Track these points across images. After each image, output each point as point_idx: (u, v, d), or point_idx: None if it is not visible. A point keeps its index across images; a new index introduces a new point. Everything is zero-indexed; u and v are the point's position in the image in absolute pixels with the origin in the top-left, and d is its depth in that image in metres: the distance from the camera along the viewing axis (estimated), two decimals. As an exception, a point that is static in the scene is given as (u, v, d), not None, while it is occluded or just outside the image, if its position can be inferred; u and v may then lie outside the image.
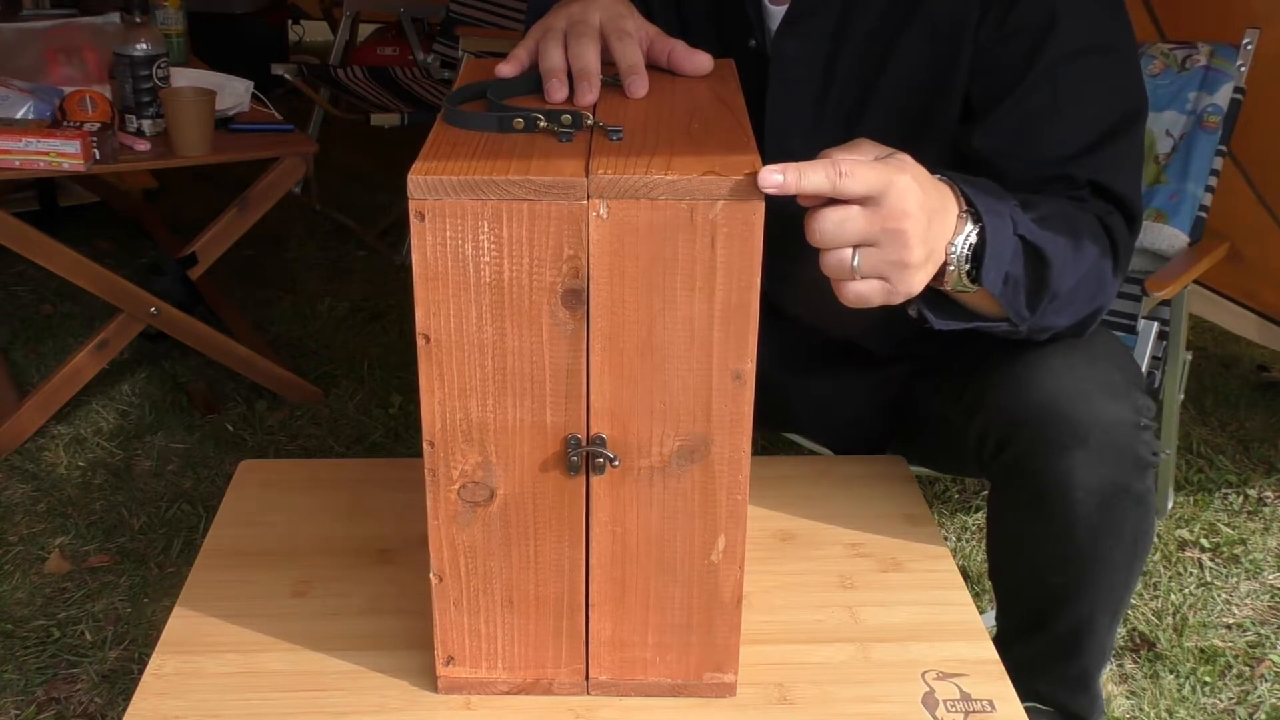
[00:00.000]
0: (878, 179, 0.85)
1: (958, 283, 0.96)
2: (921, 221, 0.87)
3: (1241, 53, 1.90)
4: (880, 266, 0.87)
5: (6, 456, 2.23)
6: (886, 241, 0.86)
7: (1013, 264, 0.98)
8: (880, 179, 0.85)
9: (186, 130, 2.06)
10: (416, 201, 0.81)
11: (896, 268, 0.88)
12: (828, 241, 0.86)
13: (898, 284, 0.89)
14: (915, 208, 0.86)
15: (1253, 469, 2.31)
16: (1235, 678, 1.75)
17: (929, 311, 0.99)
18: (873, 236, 0.86)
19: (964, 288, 0.97)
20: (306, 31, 5.51)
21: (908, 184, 0.86)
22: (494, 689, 0.98)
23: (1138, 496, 1.12)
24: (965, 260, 0.95)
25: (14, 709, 1.64)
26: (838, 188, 0.84)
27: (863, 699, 0.99)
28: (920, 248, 0.88)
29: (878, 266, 0.87)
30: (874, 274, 0.88)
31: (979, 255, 0.95)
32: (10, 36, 2.39)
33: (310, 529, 1.20)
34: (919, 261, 0.89)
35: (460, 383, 0.87)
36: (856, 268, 0.87)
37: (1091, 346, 1.13)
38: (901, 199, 0.86)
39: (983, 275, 0.96)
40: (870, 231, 0.86)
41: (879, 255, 0.87)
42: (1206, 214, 1.88)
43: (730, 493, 0.91)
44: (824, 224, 0.85)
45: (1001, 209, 0.97)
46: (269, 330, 2.80)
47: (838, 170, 0.84)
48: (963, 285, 0.96)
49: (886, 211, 0.85)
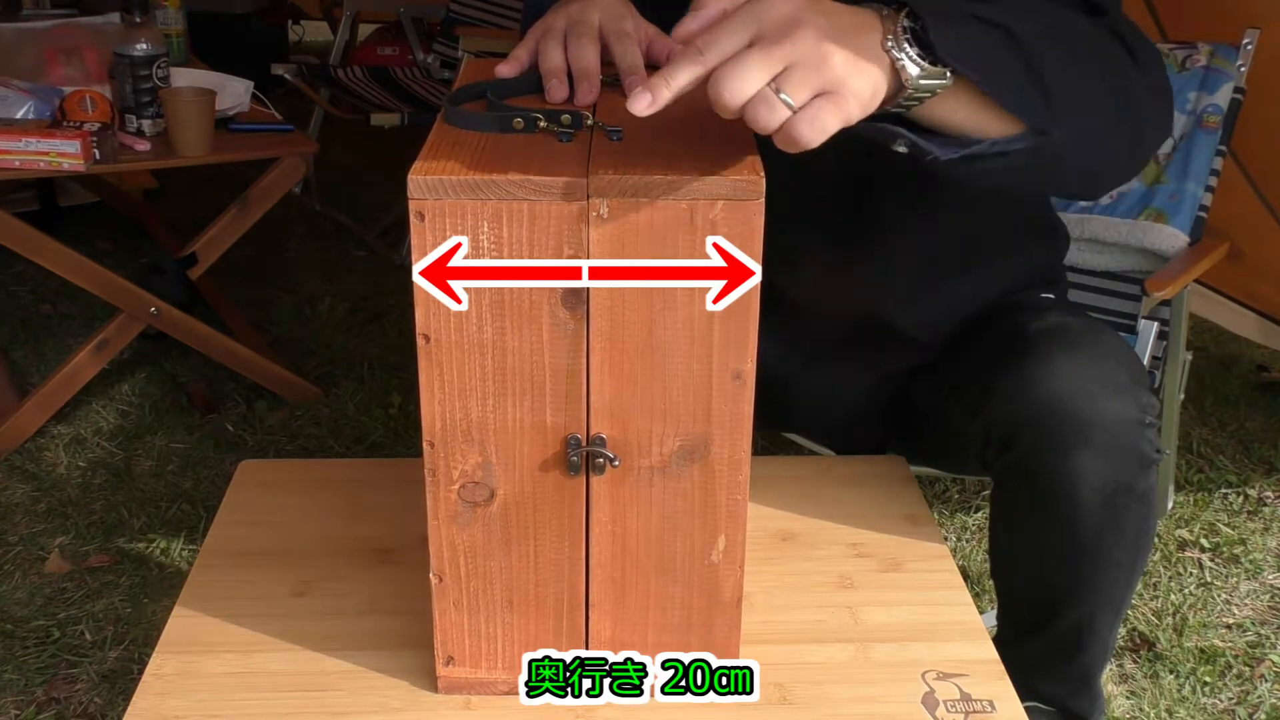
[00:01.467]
0: (741, 22, 0.78)
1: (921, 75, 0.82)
2: (820, 21, 0.78)
3: (1241, 53, 1.90)
4: (810, 83, 0.77)
5: (6, 456, 2.23)
6: (796, 56, 0.77)
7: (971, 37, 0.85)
8: (744, 20, 0.78)
9: (186, 130, 2.06)
10: (416, 201, 0.81)
11: (826, 74, 0.77)
12: (740, 95, 0.76)
13: (842, 90, 0.78)
14: (802, 12, 0.78)
15: (1253, 469, 2.31)
16: (1235, 678, 1.75)
17: (924, 142, 0.87)
18: (781, 62, 0.76)
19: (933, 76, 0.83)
20: (306, 31, 5.51)
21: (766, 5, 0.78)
22: (494, 689, 0.98)
23: (1141, 495, 1.12)
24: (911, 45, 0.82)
25: (14, 709, 1.64)
26: (709, 64, 0.77)
27: (863, 699, 0.99)
28: (835, 43, 0.77)
29: (807, 83, 0.76)
30: (809, 94, 0.77)
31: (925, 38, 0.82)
32: (10, 36, 2.39)
33: (310, 529, 1.20)
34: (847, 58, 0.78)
35: (460, 383, 0.87)
36: (786, 99, 0.76)
37: (1096, 345, 1.13)
38: (780, 14, 0.77)
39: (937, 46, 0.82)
40: (772, 59, 0.76)
41: (801, 73, 0.76)
42: (1206, 214, 1.88)
43: (730, 493, 0.91)
44: (725, 83, 0.76)
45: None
46: (269, 330, 2.80)
47: (697, 50, 0.77)
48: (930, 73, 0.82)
49: (773, 33, 0.77)
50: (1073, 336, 1.14)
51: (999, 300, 1.31)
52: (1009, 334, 1.19)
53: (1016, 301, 1.30)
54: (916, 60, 0.82)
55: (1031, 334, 1.15)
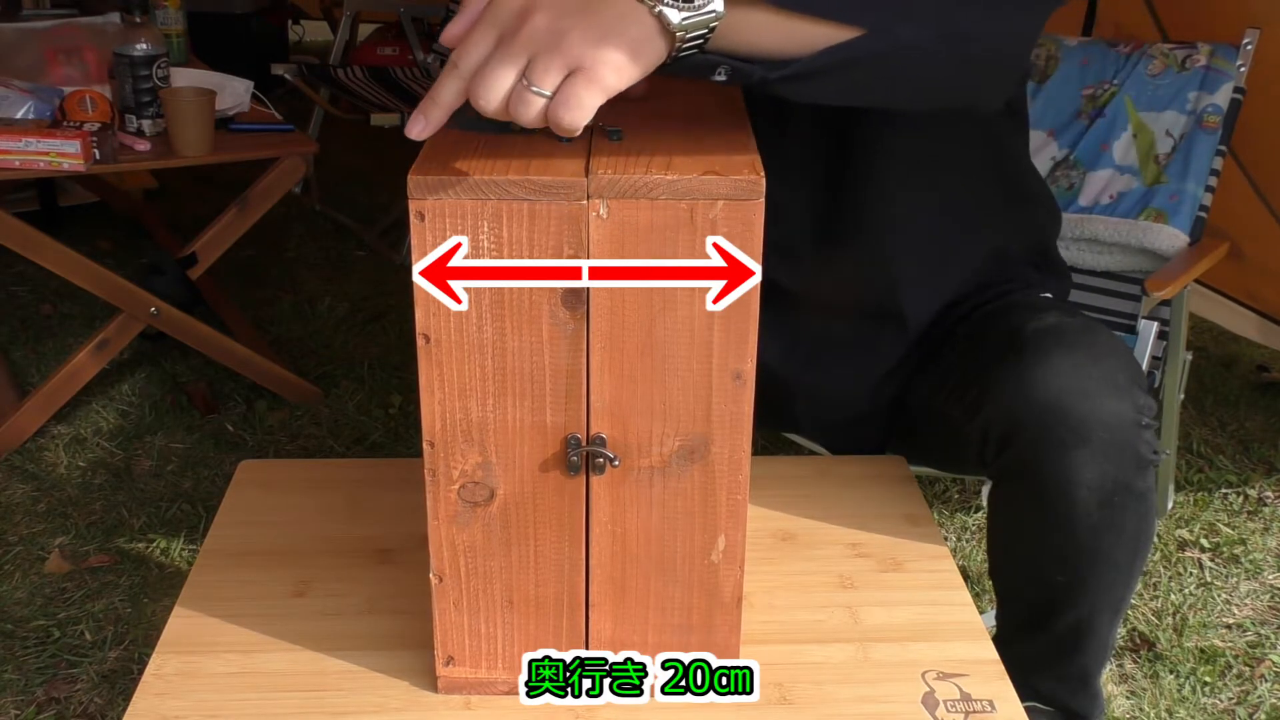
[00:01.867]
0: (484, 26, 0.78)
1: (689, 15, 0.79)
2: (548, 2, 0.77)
3: (1241, 53, 1.90)
4: (553, 67, 0.76)
5: (6, 456, 2.23)
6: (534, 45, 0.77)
7: None
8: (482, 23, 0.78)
9: (186, 130, 2.06)
10: (416, 201, 0.81)
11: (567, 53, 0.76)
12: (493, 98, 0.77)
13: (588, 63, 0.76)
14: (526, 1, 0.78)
15: (1253, 469, 2.31)
16: (1235, 678, 1.75)
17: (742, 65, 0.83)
18: (522, 56, 0.77)
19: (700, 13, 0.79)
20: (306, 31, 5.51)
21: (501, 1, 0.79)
22: (494, 689, 0.98)
23: (1139, 495, 1.12)
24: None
25: (14, 709, 1.64)
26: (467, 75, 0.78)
27: (863, 699, 0.99)
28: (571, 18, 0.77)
29: (551, 69, 0.76)
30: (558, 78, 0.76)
31: None
32: (10, 36, 2.39)
33: (310, 529, 1.20)
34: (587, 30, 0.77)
35: (460, 383, 0.87)
36: (536, 89, 0.76)
37: (1094, 345, 1.13)
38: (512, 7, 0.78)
39: None
40: (516, 56, 0.77)
41: (543, 61, 0.76)
42: (1206, 214, 1.88)
43: (730, 493, 0.91)
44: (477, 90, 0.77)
45: None
46: (269, 330, 2.80)
47: (453, 64, 0.78)
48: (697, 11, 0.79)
49: (510, 28, 0.77)
50: (1071, 337, 1.14)
51: (992, 281, 1.31)
52: (1007, 334, 1.19)
53: (1015, 300, 1.31)
54: (672, 4, 0.78)
55: (1029, 334, 1.15)
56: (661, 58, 0.80)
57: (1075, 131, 2.02)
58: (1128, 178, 1.96)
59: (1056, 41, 2.06)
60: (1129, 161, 1.96)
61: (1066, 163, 2.01)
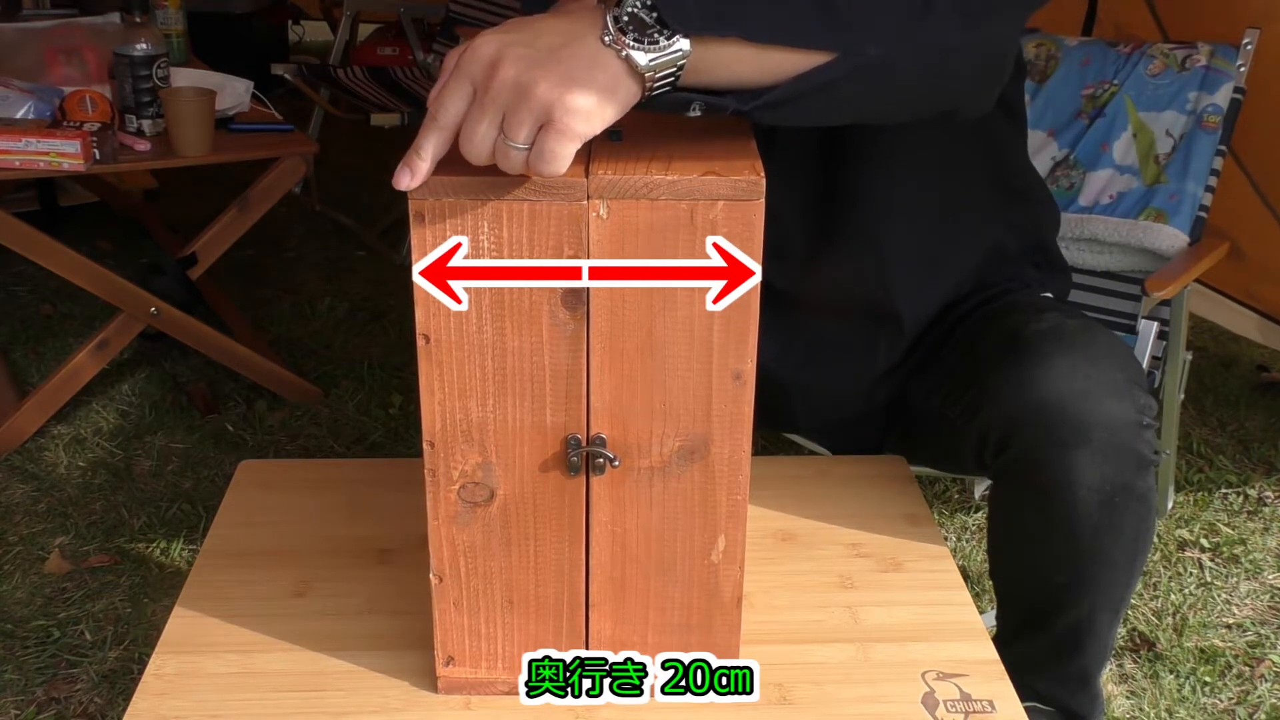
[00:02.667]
0: (458, 79, 0.79)
1: (656, 56, 0.79)
2: (518, 53, 0.78)
3: (1241, 53, 1.90)
4: (524, 121, 0.77)
5: (6, 456, 2.23)
6: (504, 98, 0.77)
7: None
8: (456, 76, 0.79)
9: (186, 130, 2.06)
10: (416, 202, 0.81)
11: (534, 106, 0.77)
12: (479, 154, 0.79)
13: (555, 114, 0.77)
14: (501, 49, 0.78)
15: (1253, 469, 2.32)
16: (1235, 678, 1.75)
17: (714, 100, 0.84)
18: (495, 110, 0.78)
19: (666, 53, 0.80)
20: (306, 31, 5.51)
21: (480, 43, 0.79)
22: (494, 689, 0.98)
23: (1140, 495, 1.12)
24: (629, 30, 0.79)
25: (14, 709, 1.64)
26: (446, 127, 0.79)
27: (863, 699, 0.99)
28: (537, 69, 0.77)
29: (523, 123, 0.77)
30: (530, 131, 0.77)
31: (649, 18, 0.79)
32: (10, 36, 2.39)
33: (310, 529, 1.20)
34: (553, 80, 0.77)
35: (460, 383, 0.87)
36: (516, 144, 0.78)
37: (1093, 345, 1.13)
38: (482, 60, 0.78)
39: (666, 16, 0.79)
40: (490, 111, 0.78)
41: (514, 115, 0.77)
42: (1206, 214, 1.88)
43: (730, 493, 0.91)
44: (464, 148, 0.79)
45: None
46: (269, 330, 2.80)
47: (432, 116, 0.80)
48: (663, 52, 0.79)
49: (481, 84, 0.78)
50: (1070, 337, 1.14)
51: (990, 280, 1.31)
52: (1006, 334, 1.19)
53: (1014, 301, 1.30)
54: (637, 46, 0.79)
55: (1029, 334, 1.15)
56: (635, 99, 0.81)
57: (1075, 131, 2.02)
58: (1128, 178, 1.96)
59: (1056, 41, 2.07)
60: (1129, 161, 1.96)
61: (1066, 163, 2.01)
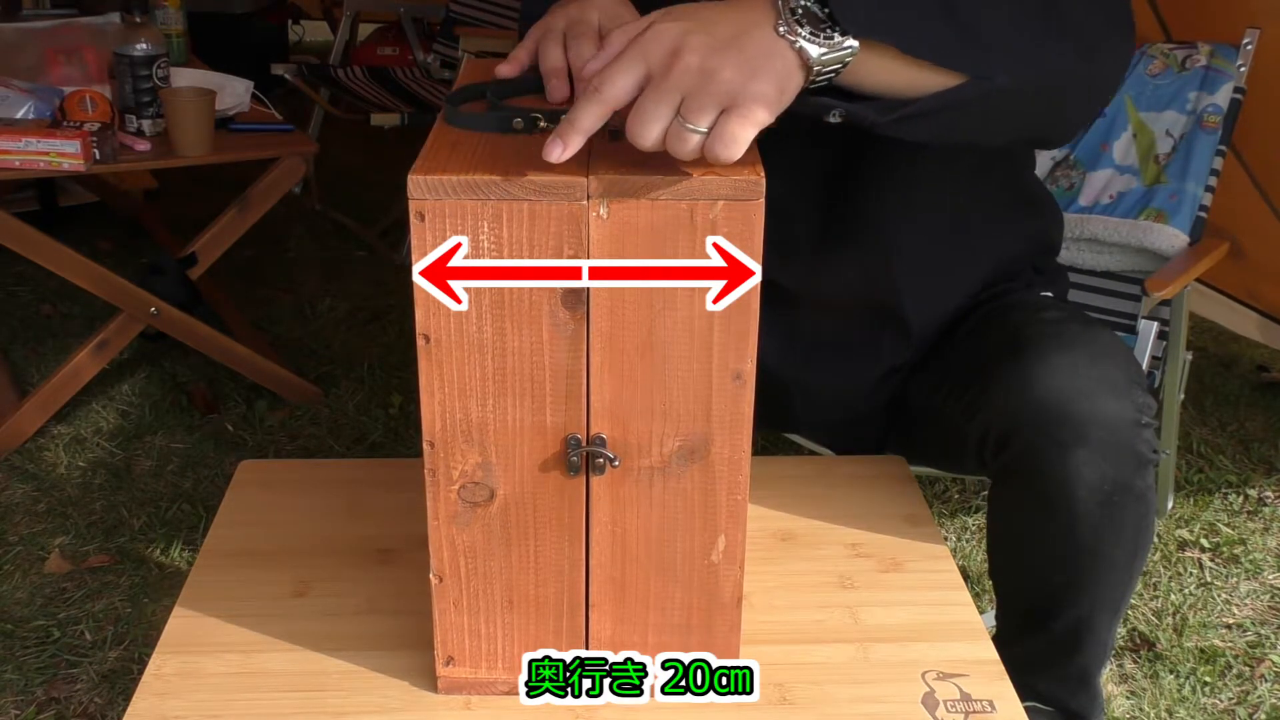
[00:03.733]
0: (628, 59, 0.79)
1: (828, 52, 0.81)
2: (700, 40, 0.78)
3: (1241, 53, 1.90)
4: (707, 106, 0.78)
5: (6, 456, 2.23)
6: (687, 83, 0.78)
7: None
8: (630, 57, 0.79)
9: (186, 130, 2.06)
10: (416, 201, 0.81)
11: (719, 92, 0.78)
12: (651, 136, 0.79)
13: (739, 100, 0.78)
14: (682, 36, 0.79)
15: (1253, 469, 2.31)
16: (1235, 678, 1.75)
17: (856, 109, 0.86)
18: (675, 95, 0.78)
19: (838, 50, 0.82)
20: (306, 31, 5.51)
21: (660, 28, 0.79)
22: (494, 689, 0.98)
23: (1139, 494, 1.12)
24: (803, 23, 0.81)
25: (14, 709, 1.64)
26: (609, 103, 0.79)
27: (863, 699, 0.99)
28: (720, 56, 0.78)
29: (705, 107, 0.78)
30: (713, 115, 0.78)
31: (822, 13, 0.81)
32: (10, 36, 2.39)
33: (310, 529, 1.20)
34: (736, 68, 0.78)
35: (460, 383, 0.87)
36: (692, 127, 0.78)
37: (1093, 345, 1.13)
38: (662, 45, 0.79)
39: (839, 15, 0.81)
40: (670, 95, 0.78)
41: (697, 99, 0.78)
42: (1206, 214, 1.88)
43: (730, 493, 0.91)
44: (634, 129, 0.79)
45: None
46: (269, 330, 2.80)
47: (595, 89, 0.79)
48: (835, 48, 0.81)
49: (660, 68, 0.79)
50: (1070, 336, 1.14)
51: (995, 284, 1.31)
52: (1006, 333, 1.19)
53: (1014, 300, 1.30)
54: (812, 40, 0.81)
55: (1029, 333, 1.15)
56: (797, 91, 0.82)
57: (1075, 131, 2.02)
58: (1128, 178, 1.96)
59: (1056, 41, 2.06)
60: (1129, 161, 1.96)
61: (1066, 163, 2.01)
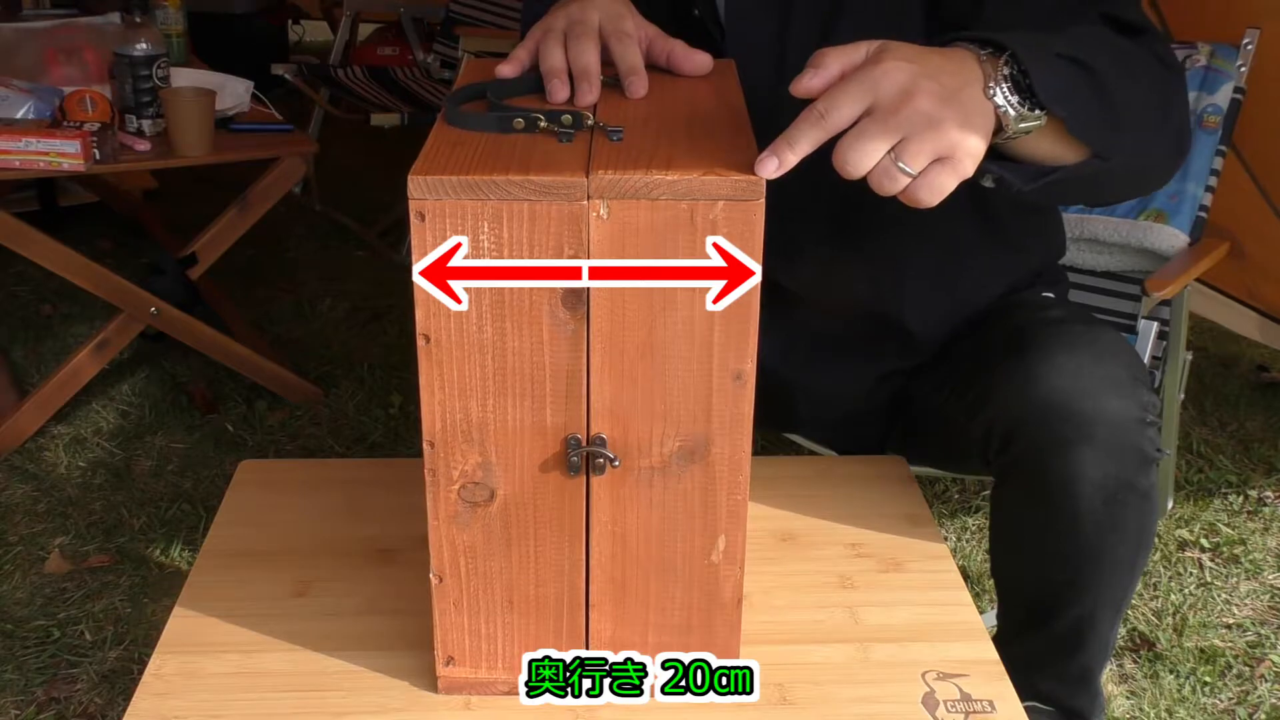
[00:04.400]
0: (859, 89, 0.81)
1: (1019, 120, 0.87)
2: (932, 87, 0.82)
3: (1241, 53, 1.90)
4: (925, 151, 0.81)
5: (6, 456, 2.23)
6: (911, 126, 0.81)
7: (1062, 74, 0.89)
8: (859, 87, 0.81)
9: (186, 130, 2.06)
10: (416, 201, 0.81)
11: (940, 141, 0.82)
12: (863, 167, 0.81)
13: (956, 153, 0.82)
14: (914, 79, 0.81)
15: (1253, 469, 2.31)
16: (1235, 678, 1.75)
17: (1008, 175, 0.91)
18: (898, 134, 0.81)
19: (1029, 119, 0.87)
20: (306, 31, 5.51)
21: (892, 67, 0.81)
22: (494, 689, 0.98)
23: (1142, 493, 1.12)
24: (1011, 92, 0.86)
25: (14, 709, 1.64)
26: (830, 129, 0.81)
27: (863, 699, 0.99)
28: (947, 108, 0.82)
29: (923, 152, 0.81)
30: (926, 161, 0.82)
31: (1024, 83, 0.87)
32: (10, 36, 2.39)
33: (310, 529, 1.20)
34: (958, 121, 0.82)
35: (460, 383, 0.87)
36: (905, 168, 0.81)
37: (1096, 343, 1.13)
38: (895, 84, 0.81)
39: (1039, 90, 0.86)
40: (893, 133, 0.81)
41: (917, 143, 0.81)
42: (1206, 214, 1.88)
43: (730, 493, 0.91)
44: (848, 156, 0.81)
45: (1025, 37, 0.88)
46: (269, 330, 2.80)
47: (819, 114, 0.81)
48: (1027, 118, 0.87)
49: (890, 105, 0.81)
50: (1073, 335, 1.14)
51: (1000, 298, 1.31)
52: (1009, 332, 1.19)
53: (1017, 300, 1.30)
54: (1016, 106, 0.87)
55: (1032, 332, 1.15)
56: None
57: (1075, 131, 2.01)
58: (1128, 178, 1.95)
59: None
60: (1129, 161, 1.96)
61: (1066, 163, 2.01)
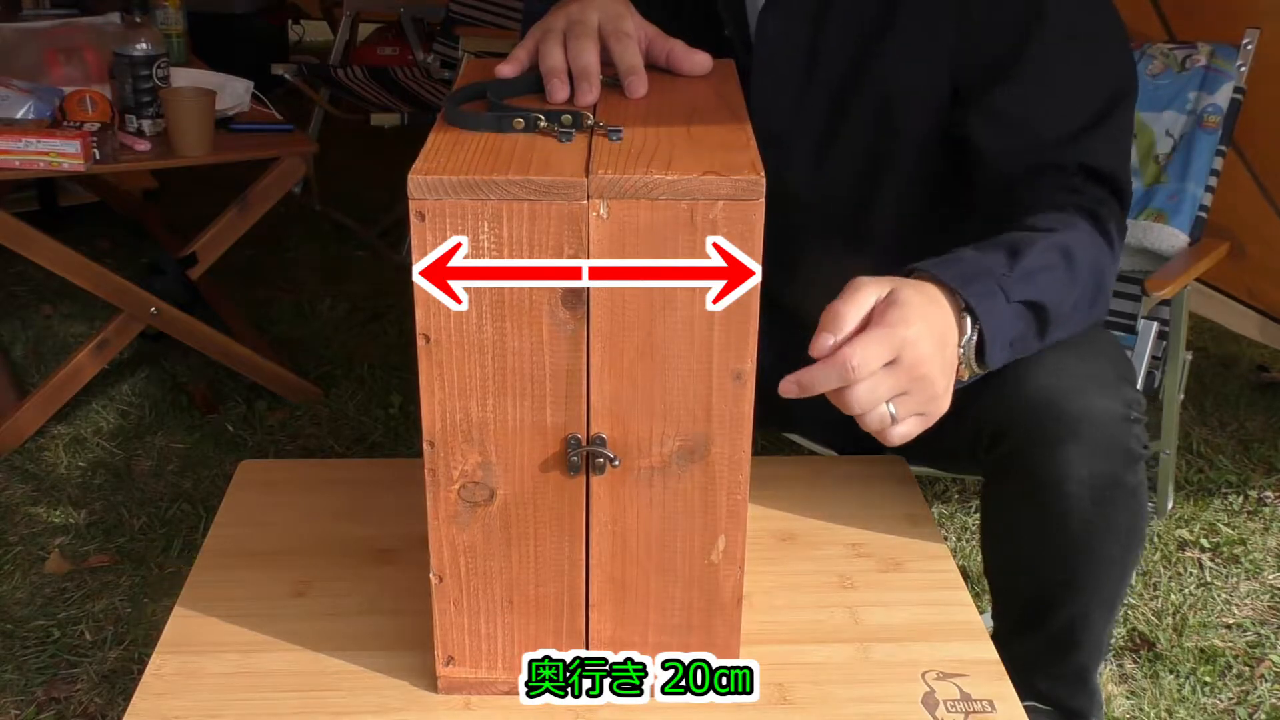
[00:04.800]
0: (886, 349, 0.89)
1: (971, 376, 1.01)
2: (938, 358, 0.92)
3: (1241, 52, 1.90)
4: (913, 408, 0.92)
5: (6, 456, 2.23)
6: (914, 388, 0.91)
7: (1014, 328, 1.02)
8: (888, 347, 0.89)
9: (186, 130, 2.06)
10: (416, 201, 0.81)
11: (929, 403, 0.93)
12: (864, 408, 0.90)
13: (933, 413, 0.94)
14: (930, 351, 0.91)
15: (1253, 469, 2.31)
16: (1235, 678, 1.75)
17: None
18: (901, 390, 0.91)
19: (976, 375, 1.01)
20: (306, 31, 5.51)
21: (917, 335, 0.90)
22: (494, 689, 0.98)
23: (1130, 489, 1.12)
24: (972, 352, 0.99)
25: (14, 709, 1.64)
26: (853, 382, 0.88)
27: (863, 699, 0.99)
28: (942, 378, 0.93)
29: (911, 409, 0.92)
30: (910, 414, 0.92)
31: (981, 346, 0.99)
32: (10, 36, 2.39)
33: (310, 529, 1.20)
34: (946, 387, 0.94)
35: (460, 383, 0.87)
36: (895, 415, 0.91)
37: (1083, 342, 1.13)
38: (916, 352, 0.90)
39: (989, 360, 1.00)
40: (898, 389, 0.91)
41: (911, 401, 0.92)
42: (1206, 214, 1.88)
43: (730, 493, 0.91)
44: (861, 400, 0.89)
45: (990, 287, 1.00)
46: (269, 330, 2.80)
47: (850, 369, 0.87)
48: (974, 374, 1.01)
49: (907, 366, 0.90)
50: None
51: None
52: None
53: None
54: (971, 365, 1.00)
55: None
56: None
57: (1075, 131, 2.01)
58: (1128, 178, 1.95)
59: (1056, 41, 2.06)
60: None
61: (1066, 163, 2.01)
